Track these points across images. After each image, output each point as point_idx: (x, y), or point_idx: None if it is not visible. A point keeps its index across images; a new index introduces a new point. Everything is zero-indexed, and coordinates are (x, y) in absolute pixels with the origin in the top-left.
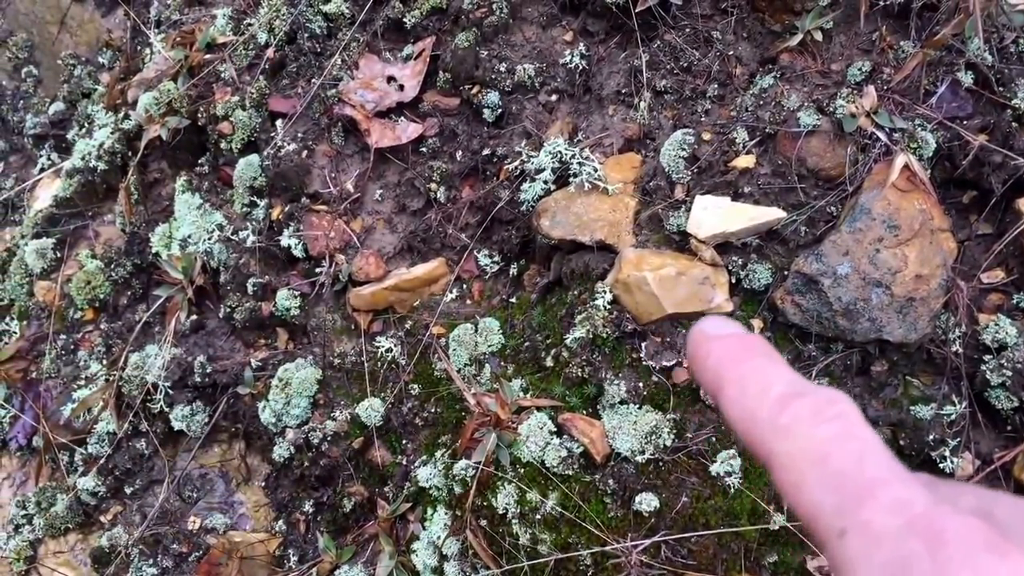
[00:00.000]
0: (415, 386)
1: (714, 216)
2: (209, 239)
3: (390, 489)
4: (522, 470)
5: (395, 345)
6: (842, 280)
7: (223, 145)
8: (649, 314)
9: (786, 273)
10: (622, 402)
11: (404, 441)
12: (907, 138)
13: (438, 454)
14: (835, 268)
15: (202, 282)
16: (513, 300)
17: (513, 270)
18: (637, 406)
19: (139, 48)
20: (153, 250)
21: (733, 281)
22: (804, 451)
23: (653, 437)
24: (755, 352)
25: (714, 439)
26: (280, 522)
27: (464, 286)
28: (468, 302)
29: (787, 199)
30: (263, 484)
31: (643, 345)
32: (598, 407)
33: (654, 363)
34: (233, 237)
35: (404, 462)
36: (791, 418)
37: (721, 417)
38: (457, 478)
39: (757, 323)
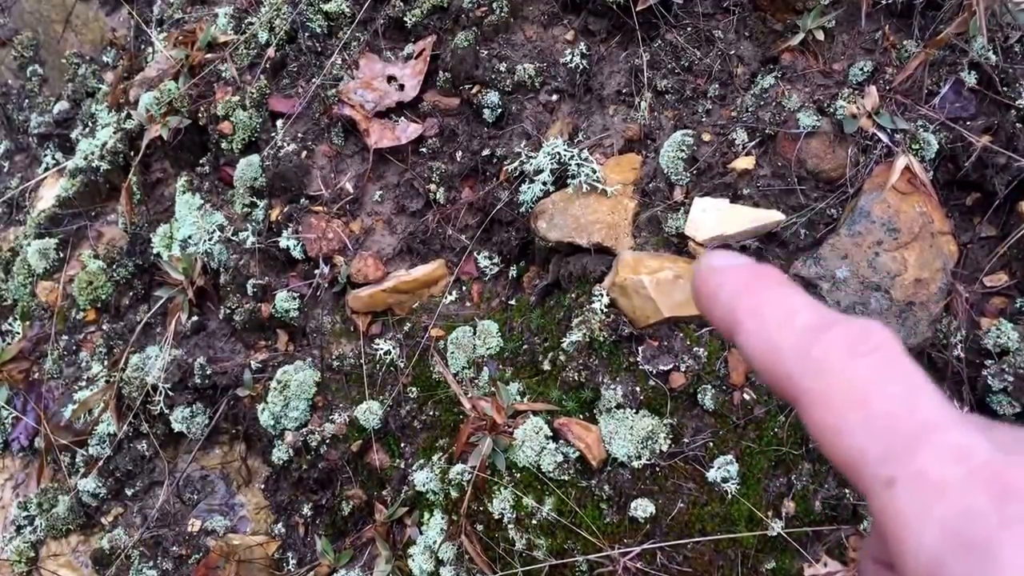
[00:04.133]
0: (413, 389)
1: (713, 218)
2: (209, 240)
3: (388, 493)
4: (518, 475)
5: (394, 347)
6: (841, 284)
7: (224, 145)
8: (646, 318)
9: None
10: (618, 407)
11: (402, 444)
12: (909, 139)
13: (435, 458)
14: (834, 272)
15: (203, 283)
16: (512, 302)
17: (512, 272)
18: (634, 411)
19: (142, 47)
20: (155, 251)
21: None
22: (841, 389)
23: (649, 442)
24: (773, 280)
25: (711, 444)
26: (279, 525)
27: (463, 288)
28: (467, 304)
29: (787, 201)
30: (263, 487)
31: (640, 349)
32: (594, 411)
33: (651, 367)
34: (234, 238)
35: (402, 465)
36: (823, 351)
37: (741, 355)
38: (453, 482)
39: None
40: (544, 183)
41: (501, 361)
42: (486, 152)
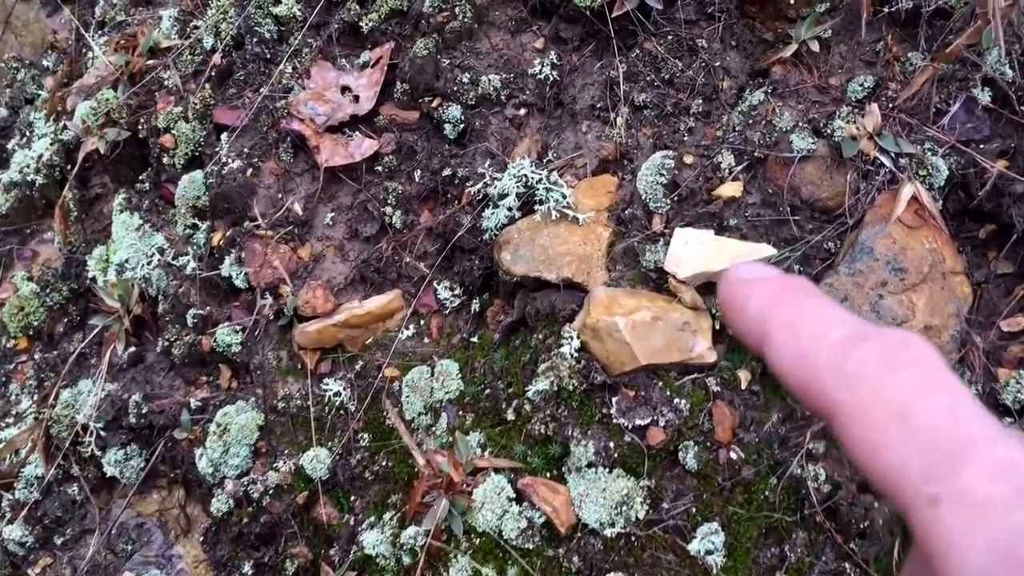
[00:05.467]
0: (365, 435)
1: (695, 252)
2: (148, 264)
3: (336, 552)
4: (477, 540)
5: (344, 388)
6: None
7: (165, 160)
8: (621, 364)
9: None
10: (590, 465)
11: (352, 497)
12: (915, 164)
13: (387, 516)
14: None
15: (140, 311)
16: (475, 339)
17: (475, 305)
18: (607, 470)
19: (83, 51)
20: (90, 274)
21: (717, 327)
22: (880, 403)
23: (624, 507)
24: (805, 292)
25: (694, 509)
26: None
27: (422, 322)
28: (426, 340)
29: (778, 233)
30: (202, 539)
31: (614, 400)
32: (563, 470)
33: (626, 421)
34: (174, 262)
35: (351, 522)
36: (859, 363)
37: (771, 369)
38: (406, 547)
39: (745, 375)
40: (510, 208)
41: (461, 407)
42: (447, 172)
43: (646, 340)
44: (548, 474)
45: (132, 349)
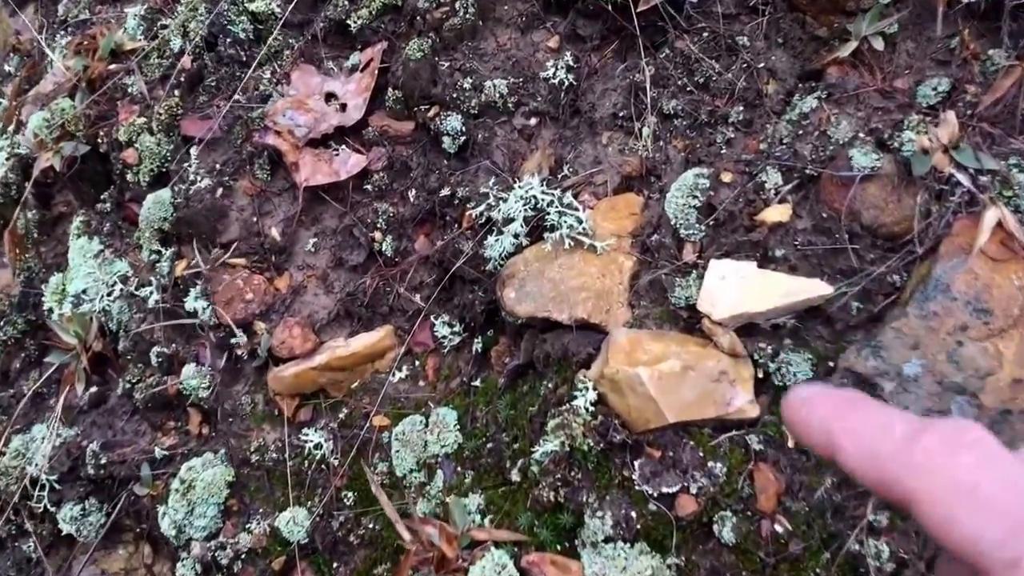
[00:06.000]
0: (349, 494)
1: (735, 288)
2: (108, 295)
3: None
4: None
5: (326, 440)
6: (910, 384)
7: (129, 177)
8: (646, 422)
9: (832, 366)
10: (608, 539)
11: (335, 565)
12: (999, 183)
13: None
14: (900, 367)
15: (101, 348)
16: (477, 383)
17: (478, 344)
18: (628, 545)
19: (45, 54)
20: (46, 306)
21: (760, 376)
22: (949, 483)
23: None
24: (860, 401)
25: None
26: None
27: (416, 363)
28: (421, 383)
29: (833, 264)
30: None
31: (636, 463)
32: (576, 543)
33: (651, 487)
34: (137, 292)
35: None
36: (925, 453)
37: (846, 473)
38: None
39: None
40: (516, 235)
41: (460, 462)
42: (445, 192)
43: (675, 394)
44: (558, 548)
45: (93, 390)
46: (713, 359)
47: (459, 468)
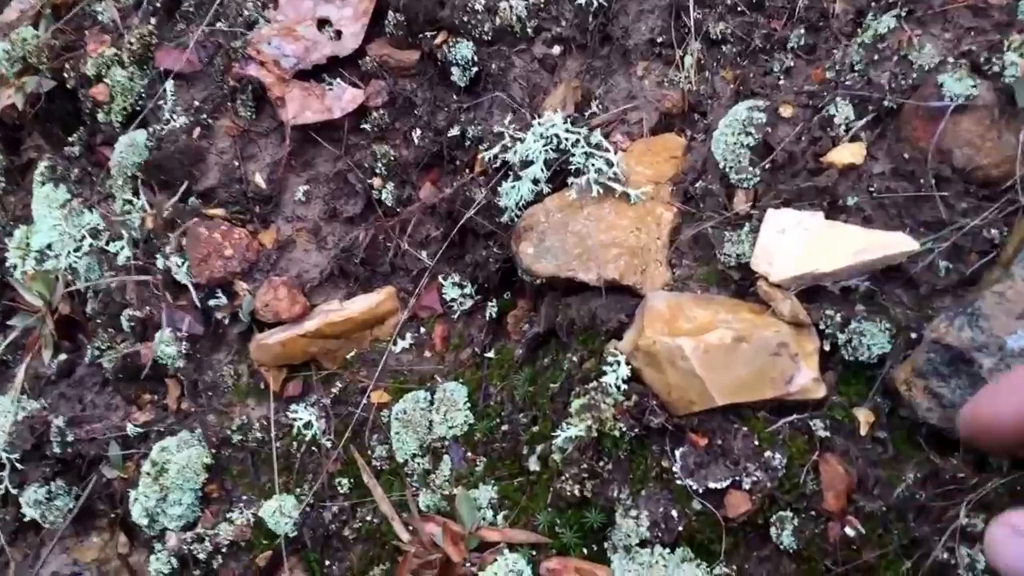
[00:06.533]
0: (344, 480)
1: (797, 244)
2: (76, 251)
3: None
4: None
5: (317, 418)
6: (1015, 359)
7: (100, 117)
8: (689, 403)
9: (915, 338)
10: (643, 543)
11: (327, 563)
12: None
13: None
14: (1002, 339)
15: (69, 311)
16: (490, 355)
17: (492, 308)
18: (667, 550)
19: None
20: (9, 263)
21: (827, 348)
22: None
23: None
24: None
25: None
26: None
27: (421, 330)
28: (426, 354)
29: (917, 215)
30: None
31: (678, 452)
32: (606, 546)
33: (695, 482)
34: (109, 248)
35: None
36: None
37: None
38: None
39: (865, 416)
40: (535, 180)
41: (470, 447)
42: (454, 131)
43: (724, 370)
44: (584, 552)
45: (61, 358)
46: (771, 329)
47: (469, 454)
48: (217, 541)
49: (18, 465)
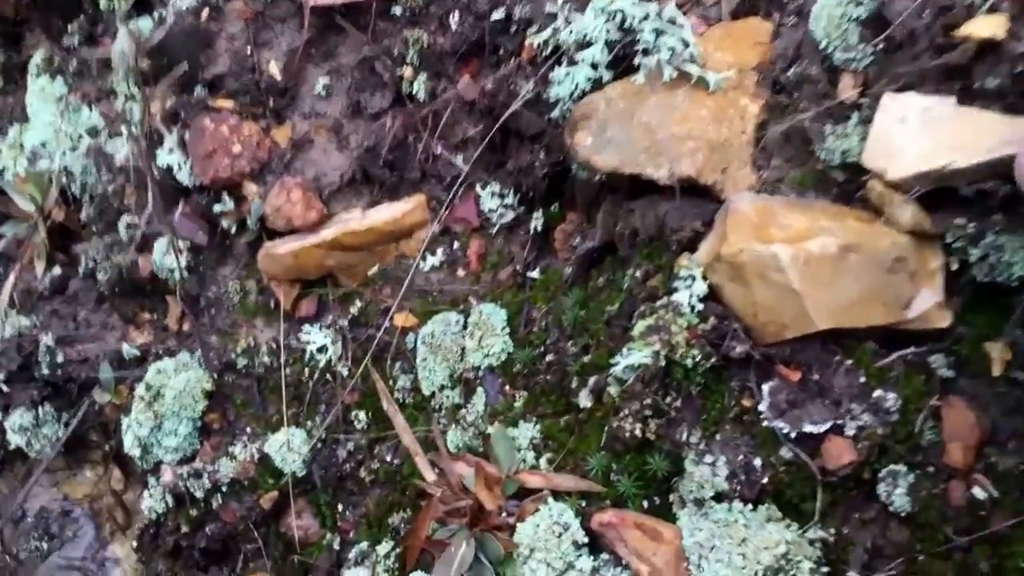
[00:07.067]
0: (361, 414)
1: (922, 135)
2: (72, 150)
3: None
4: None
5: (333, 341)
6: None
7: (103, 3)
8: (780, 327)
9: None
10: (719, 497)
11: (339, 507)
12: None
13: (382, 548)
14: None
15: (64, 217)
16: (535, 274)
17: (537, 221)
18: (748, 506)
19: None
20: (1, 164)
21: (954, 267)
22: None
23: (781, 575)
24: None
25: None
26: None
27: (455, 245)
28: (460, 272)
29: None
30: (135, 544)
31: (764, 388)
32: (670, 500)
33: (785, 425)
34: (108, 148)
35: (335, 544)
36: None
37: None
38: None
39: (999, 352)
40: (594, 65)
41: (508, 379)
42: (498, 14)
43: (828, 287)
44: (644, 505)
45: (56, 272)
46: (885, 240)
47: (507, 387)
48: (217, 478)
49: (3, 387)
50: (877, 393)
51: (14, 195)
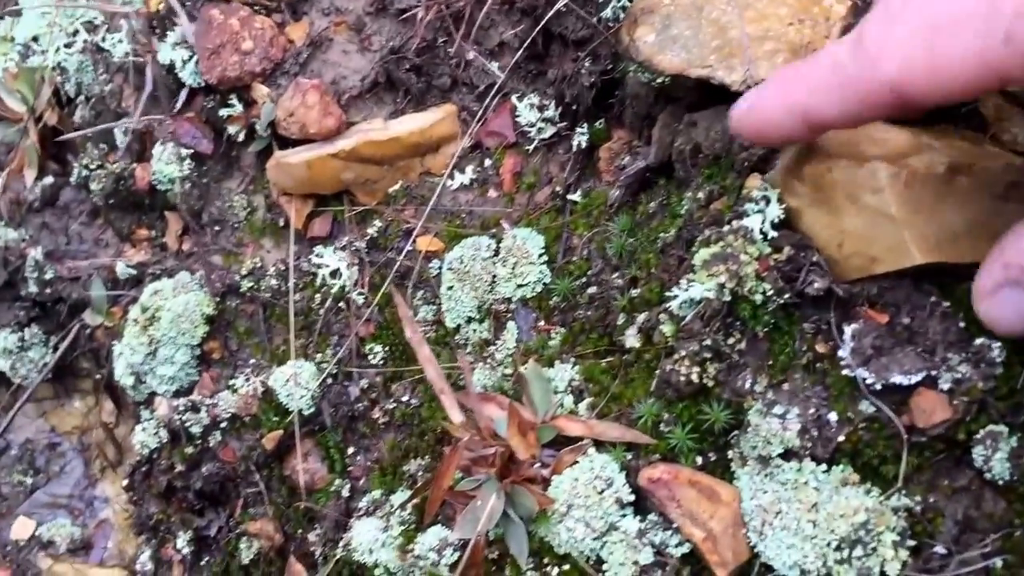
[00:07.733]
0: (377, 347)
1: None
2: (67, 46)
3: (317, 539)
4: (554, 573)
5: (348, 265)
6: None
7: None
8: (869, 261)
9: None
10: (787, 455)
11: (351, 449)
12: None
13: (397, 498)
14: None
15: (56, 121)
16: (576, 197)
17: (581, 137)
18: (822, 467)
19: None
20: None
21: None
22: None
23: (858, 548)
24: (790, 68)
25: (1000, 565)
26: (145, 556)
27: (487, 162)
28: (492, 193)
29: None
30: (126, 482)
31: (847, 330)
32: (729, 456)
33: (869, 375)
34: (105, 44)
35: (344, 492)
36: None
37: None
38: (421, 567)
39: None
40: None
41: (544, 313)
42: None
43: (931, 214)
44: (699, 461)
45: (47, 181)
46: (1000, 161)
47: (542, 322)
48: (216, 413)
49: None
50: (979, 341)
51: (3, 93)
